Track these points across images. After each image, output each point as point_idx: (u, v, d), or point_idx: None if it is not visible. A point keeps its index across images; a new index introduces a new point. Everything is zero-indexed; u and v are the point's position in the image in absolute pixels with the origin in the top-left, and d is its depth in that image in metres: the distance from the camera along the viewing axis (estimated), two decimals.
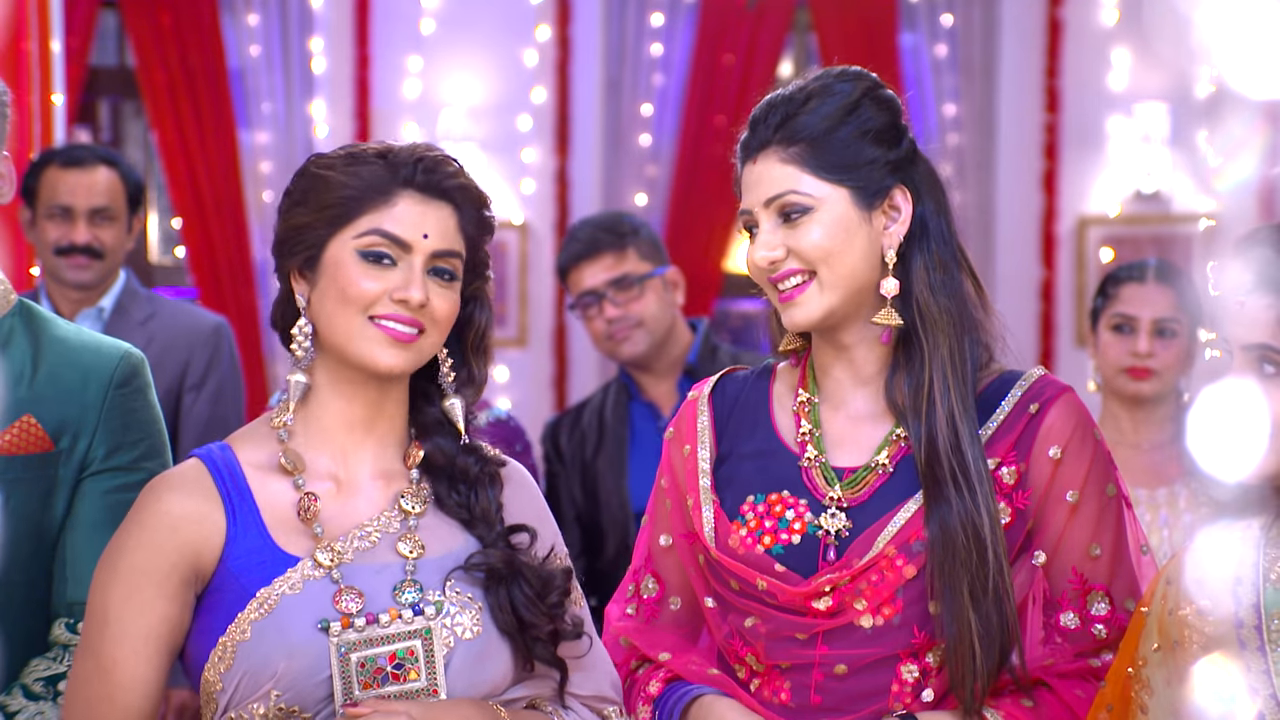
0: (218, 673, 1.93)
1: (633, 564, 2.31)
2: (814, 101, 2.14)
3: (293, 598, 1.94)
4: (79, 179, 3.98)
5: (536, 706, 2.04)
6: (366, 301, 1.98)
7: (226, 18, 6.62)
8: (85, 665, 1.96)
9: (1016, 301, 6.82)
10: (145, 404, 2.24)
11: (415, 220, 2.00)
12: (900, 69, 6.74)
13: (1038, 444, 2.13)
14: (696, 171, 6.86)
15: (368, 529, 2.01)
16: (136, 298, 4.07)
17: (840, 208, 2.11)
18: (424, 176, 2.01)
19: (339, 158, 2.02)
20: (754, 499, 2.16)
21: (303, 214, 2.01)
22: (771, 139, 2.14)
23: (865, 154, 2.12)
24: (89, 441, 2.17)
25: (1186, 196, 6.70)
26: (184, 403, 4.00)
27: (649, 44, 6.96)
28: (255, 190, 6.61)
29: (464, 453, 2.07)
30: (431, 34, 6.75)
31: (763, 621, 2.13)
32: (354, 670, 1.93)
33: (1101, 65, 6.79)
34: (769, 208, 2.12)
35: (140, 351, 2.27)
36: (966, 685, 2.06)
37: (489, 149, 6.72)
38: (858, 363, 2.17)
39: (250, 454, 2.03)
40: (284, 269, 2.05)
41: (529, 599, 2.00)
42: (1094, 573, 2.13)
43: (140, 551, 1.95)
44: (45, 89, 4.37)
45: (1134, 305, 3.48)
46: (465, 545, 2.04)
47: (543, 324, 6.92)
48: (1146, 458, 3.51)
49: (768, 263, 2.11)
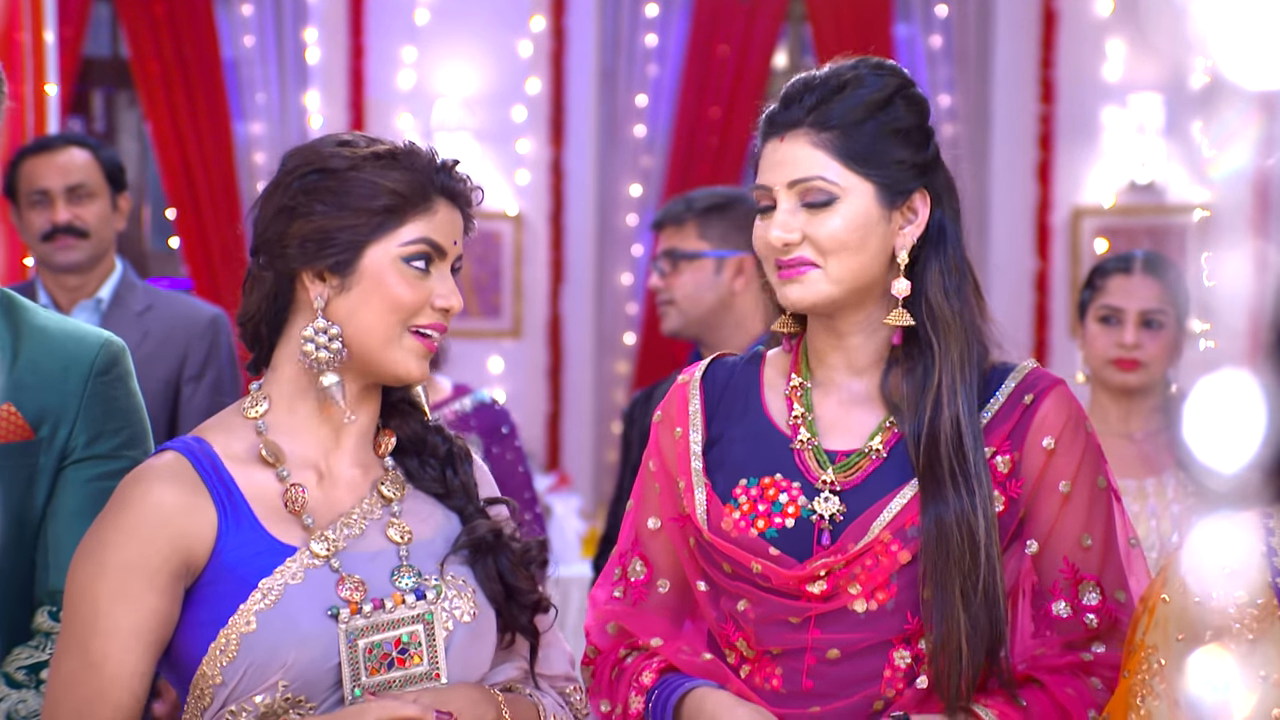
0: (218, 666, 1.91)
1: (618, 547, 2.30)
2: (849, 90, 2.12)
3: (297, 587, 1.93)
4: (50, 160, 4.00)
5: (512, 689, 2.05)
6: (412, 310, 1.98)
7: (220, 8, 6.62)
8: (71, 663, 1.92)
9: (1011, 292, 6.83)
10: (126, 392, 2.23)
11: (450, 226, 2.01)
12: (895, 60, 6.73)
13: (1031, 434, 2.13)
14: (691, 162, 6.87)
15: (353, 516, 2.00)
16: (134, 289, 4.07)
17: (863, 202, 2.11)
18: (451, 183, 2.02)
19: (364, 158, 1.98)
20: (746, 482, 2.16)
21: (336, 215, 1.97)
22: (804, 120, 2.11)
23: (894, 152, 2.12)
24: (70, 430, 2.16)
25: (1181, 187, 6.71)
26: (183, 394, 4.00)
27: (644, 35, 6.97)
28: (249, 181, 6.61)
29: (432, 432, 2.09)
30: (426, 24, 6.75)
31: (755, 605, 2.13)
32: (361, 656, 1.93)
33: (1096, 56, 6.80)
34: (792, 189, 2.11)
35: (121, 340, 2.25)
36: (952, 683, 2.06)
37: (483, 140, 6.72)
38: (854, 351, 2.17)
39: (226, 445, 2.01)
40: (291, 268, 1.99)
41: (514, 565, 2.03)
42: (1085, 563, 2.13)
43: (129, 545, 1.92)
44: (39, 80, 4.38)
45: (1120, 297, 3.49)
46: (447, 520, 2.06)
47: (538, 315, 6.93)
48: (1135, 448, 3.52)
49: (782, 244, 2.11)
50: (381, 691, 1.93)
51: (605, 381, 7.07)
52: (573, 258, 6.93)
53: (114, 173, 4.07)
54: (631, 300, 7.02)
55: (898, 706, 2.10)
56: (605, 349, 7.07)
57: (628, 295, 7.03)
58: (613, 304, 7.06)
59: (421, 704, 1.89)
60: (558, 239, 6.91)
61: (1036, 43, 6.88)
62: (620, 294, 7.04)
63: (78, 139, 4.16)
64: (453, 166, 2.03)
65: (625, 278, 7.03)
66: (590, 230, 6.95)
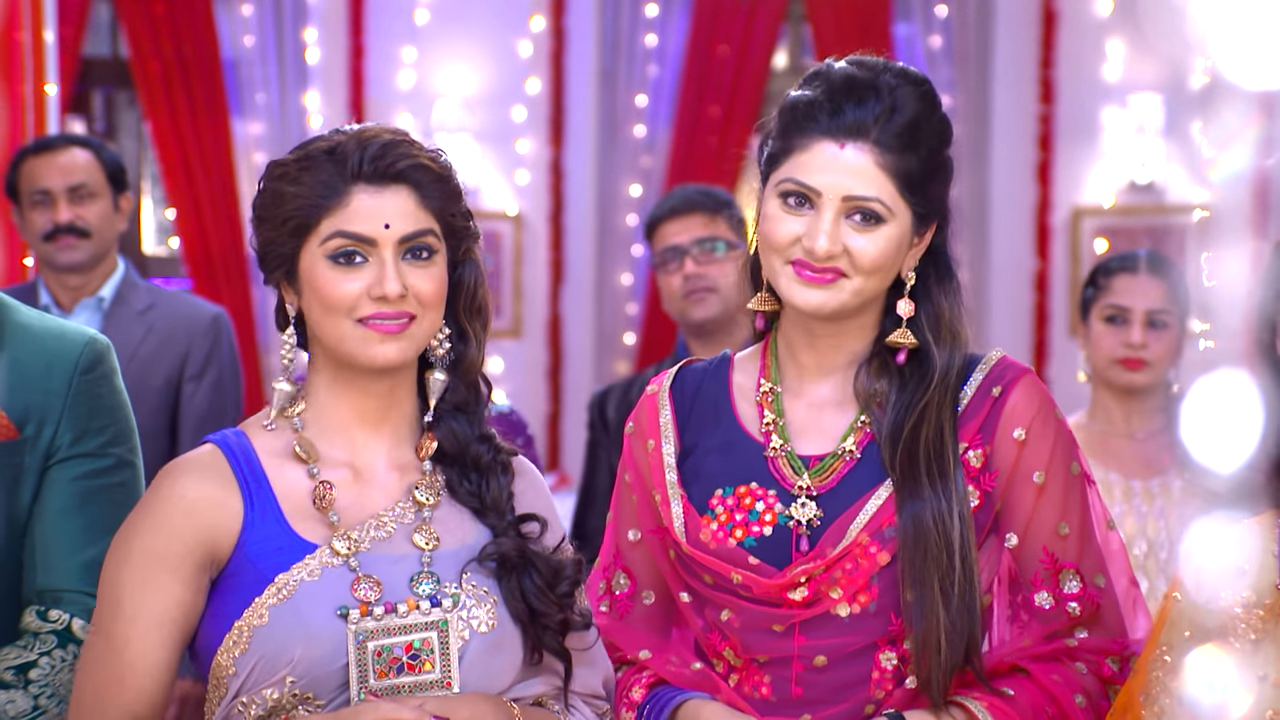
0: (231, 657, 1.93)
1: (600, 561, 2.29)
2: (913, 109, 2.10)
3: (311, 584, 1.94)
4: (52, 161, 4.02)
5: (543, 704, 2.04)
6: (348, 305, 1.98)
7: (220, 8, 6.61)
8: (96, 647, 1.96)
9: (1011, 292, 6.83)
10: (111, 389, 2.23)
11: (372, 213, 1.99)
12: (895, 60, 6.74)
13: (1001, 426, 2.13)
14: (691, 162, 6.86)
15: (383, 519, 2.01)
16: (136, 288, 4.08)
17: (903, 228, 2.11)
18: (371, 166, 1.99)
19: (291, 164, 2.01)
20: (722, 492, 2.16)
21: (268, 229, 2.02)
22: (871, 131, 2.08)
23: (937, 185, 2.13)
24: (55, 428, 2.15)
25: (1181, 187, 6.71)
26: (184, 392, 4.00)
27: (644, 35, 6.97)
28: (250, 181, 6.60)
29: (478, 440, 2.07)
30: (426, 24, 6.75)
31: (738, 614, 2.12)
32: (370, 659, 1.93)
33: (1096, 56, 6.80)
34: (847, 203, 2.09)
35: (105, 338, 2.25)
36: (934, 681, 2.06)
37: (483, 140, 6.72)
38: (827, 352, 2.17)
39: (266, 441, 2.03)
40: (271, 280, 2.06)
41: (540, 588, 2.01)
42: (1064, 551, 2.14)
43: (155, 535, 1.95)
44: (39, 80, 4.38)
45: (1127, 296, 3.48)
46: (478, 536, 2.04)
47: (538, 315, 6.93)
48: (1139, 448, 3.52)
49: (825, 254, 2.09)
50: (386, 695, 1.93)
51: (605, 381, 7.06)
52: (572, 258, 6.93)
53: (115, 173, 4.08)
54: (631, 300, 7.02)
55: (888, 706, 2.10)
56: (605, 349, 7.07)
57: (627, 295, 7.03)
58: (612, 304, 7.06)
59: (422, 710, 1.89)
60: (557, 239, 6.91)
61: (1036, 43, 6.88)
62: (620, 294, 7.04)
63: (80, 139, 4.18)
64: (381, 149, 1.99)
65: (625, 278, 7.03)
66: (590, 230, 6.95)
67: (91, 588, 2.07)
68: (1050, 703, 2.09)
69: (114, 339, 3.95)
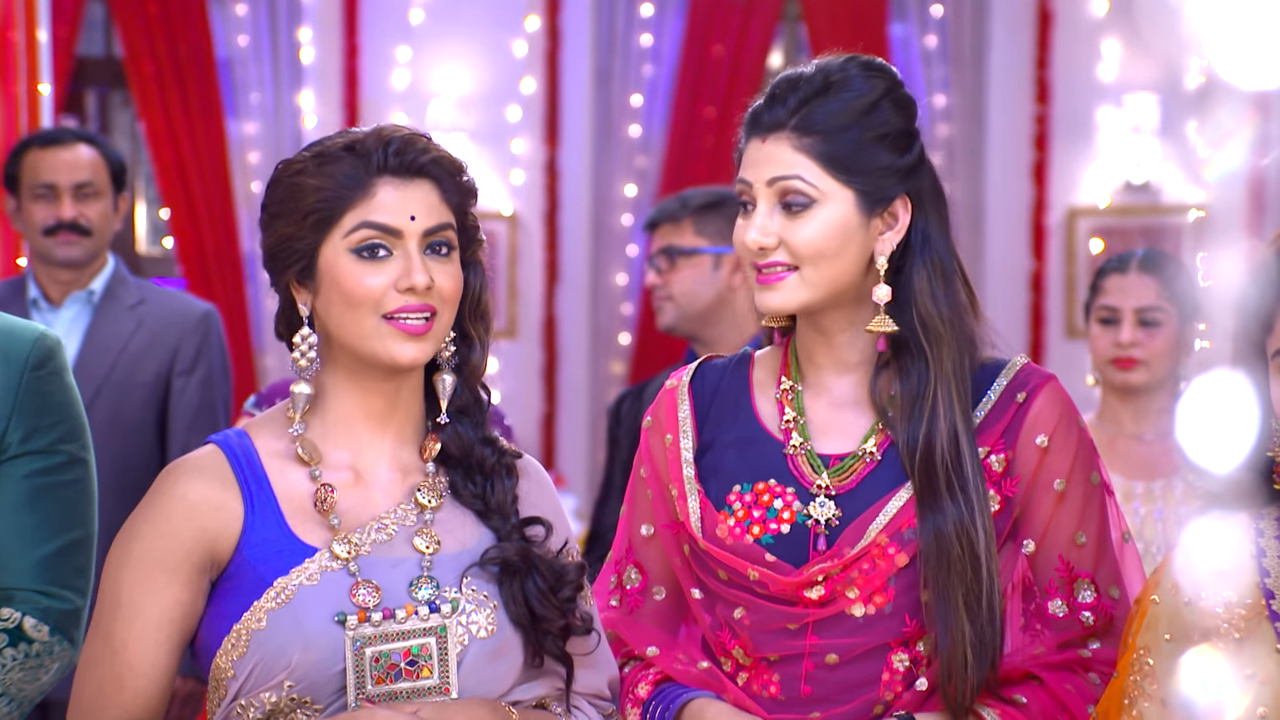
0: (230, 660, 1.92)
1: (613, 555, 2.29)
2: (834, 91, 2.09)
3: (310, 589, 1.93)
4: (60, 156, 3.99)
5: (545, 706, 2.03)
6: (374, 299, 1.95)
7: (214, 7, 6.61)
8: (95, 647, 1.95)
9: (1006, 293, 6.83)
10: (62, 386, 2.21)
11: (399, 205, 1.97)
12: (890, 59, 6.74)
13: (1024, 432, 2.12)
14: (686, 162, 6.86)
15: (385, 521, 1.99)
16: (125, 283, 4.07)
17: (842, 209, 2.08)
18: (396, 159, 1.98)
19: (308, 160, 1.99)
20: (740, 488, 2.15)
21: (285, 225, 1.98)
22: (787, 122, 2.09)
23: (878, 159, 2.09)
24: (4, 426, 2.14)
25: (1176, 187, 6.71)
26: (174, 388, 3.99)
27: (639, 34, 6.96)
28: (244, 181, 6.60)
29: (482, 443, 2.06)
30: (420, 24, 6.74)
31: (751, 612, 2.11)
32: (368, 665, 1.92)
33: (1091, 56, 6.79)
34: (771, 187, 2.09)
35: (56, 334, 2.24)
36: (958, 692, 2.05)
37: (478, 140, 6.71)
38: (842, 349, 2.16)
39: (269, 442, 2.01)
40: (280, 281, 2.02)
41: (542, 592, 1.99)
42: (1080, 560, 2.13)
43: (155, 536, 1.94)
44: (32, 79, 4.37)
45: (1116, 296, 3.50)
46: (481, 540, 2.02)
47: (532, 315, 6.92)
48: (1146, 449, 3.52)
49: (758, 247, 2.09)
50: (384, 701, 1.92)
51: (600, 382, 7.06)
52: (568, 258, 6.93)
53: (118, 171, 4.07)
54: (626, 300, 7.02)
55: (898, 708, 2.09)
56: (600, 349, 7.07)
57: (623, 295, 7.02)
58: (608, 304, 7.05)
59: (417, 716, 1.88)
60: (552, 239, 6.90)
61: (1032, 43, 6.88)
62: (615, 294, 7.03)
63: (86, 136, 4.15)
64: (403, 143, 1.99)
65: (620, 278, 7.02)
66: (585, 230, 6.94)
67: (44, 586, 2.07)
68: (1062, 712, 2.08)
69: (104, 333, 3.98)
